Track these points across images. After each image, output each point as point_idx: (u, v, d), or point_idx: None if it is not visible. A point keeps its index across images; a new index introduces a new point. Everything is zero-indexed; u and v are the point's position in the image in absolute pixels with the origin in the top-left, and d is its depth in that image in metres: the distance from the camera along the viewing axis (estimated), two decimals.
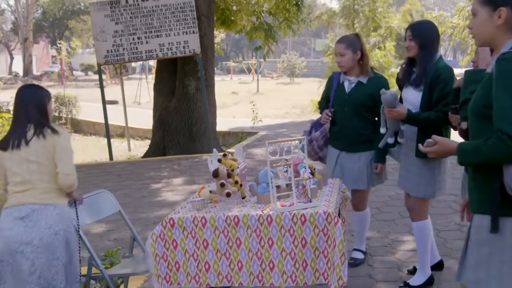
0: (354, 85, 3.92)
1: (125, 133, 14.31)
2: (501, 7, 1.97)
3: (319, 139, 4.07)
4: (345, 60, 3.88)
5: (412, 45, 3.50)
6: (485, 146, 1.93)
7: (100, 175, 8.53)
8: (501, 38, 2.02)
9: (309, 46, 58.36)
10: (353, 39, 3.92)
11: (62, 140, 3.18)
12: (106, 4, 9.59)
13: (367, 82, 3.90)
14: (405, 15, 17.41)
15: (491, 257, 2.01)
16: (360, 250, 4.25)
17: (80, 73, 47.73)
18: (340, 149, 3.99)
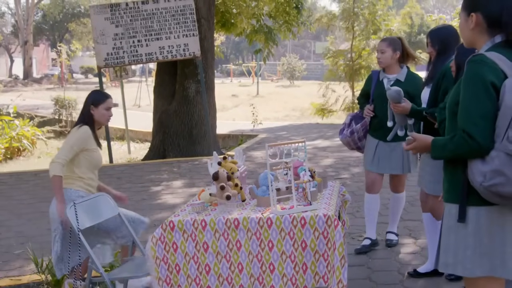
0: (392, 82, 4.31)
1: (125, 135, 14.31)
2: (472, 12, 2.15)
3: (359, 131, 4.52)
4: (384, 57, 4.33)
5: (432, 51, 3.77)
6: (451, 143, 2.11)
7: (100, 177, 8.45)
8: (478, 41, 2.18)
9: (309, 49, 58.41)
10: (395, 40, 4.39)
11: (69, 135, 3.84)
12: (106, 7, 9.60)
13: (405, 80, 4.31)
14: (404, 18, 17.39)
15: (458, 242, 2.16)
16: (393, 232, 4.70)
17: (80, 76, 47.79)
18: (379, 139, 4.41)
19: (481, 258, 2.11)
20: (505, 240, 2.09)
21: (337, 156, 9.25)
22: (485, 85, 2.02)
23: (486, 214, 2.10)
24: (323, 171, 7.83)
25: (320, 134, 12.65)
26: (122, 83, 14.15)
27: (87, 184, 3.84)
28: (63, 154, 3.64)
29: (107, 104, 3.90)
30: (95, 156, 3.83)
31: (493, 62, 2.04)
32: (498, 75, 2.03)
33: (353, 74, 16.79)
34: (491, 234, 2.10)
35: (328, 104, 17.20)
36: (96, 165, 3.89)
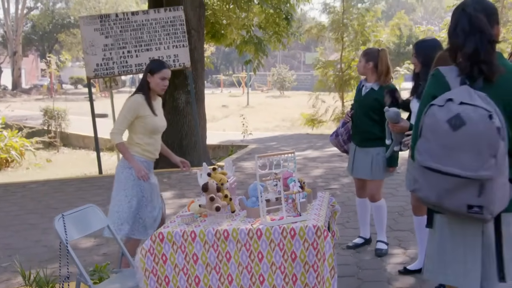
0: (368, 90, 4.57)
1: (115, 146, 14.24)
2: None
3: (343, 134, 4.79)
4: (358, 66, 4.70)
5: (416, 62, 3.89)
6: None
7: (90, 189, 8.48)
8: None
9: (299, 60, 58.67)
10: (372, 51, 4.64)
11: (123, 104, 4.08)
12: (96, 18, 9.60)
13: (378, 89, 4.50)
14: (393, 29, 17.54)
15: (432, 249, 2.26)
16: (382, 241, 4.75)
17: (69, 86, 47.59)
18: (356, 144, 4.68)
19: (444, 265, 2.17)
20: (466, 249, 2.12)
21: (327, 166, 9.27)
22: (427, 99, 2.16)
23: (448, 221, 2.17)
24: (313, 182, 7.84)
25: (310, 145, 12.68)
26: (112, 94, 14.10)
27: (144, 150, 4.11)
28: (118, 124, 4.06)
29: (163, 74, 4.09)
30: (149, 121, 4.05)
31: (442, 76, 2.16)
32: (442, 88, 2.12)
33: (343, 84, 16.88)
34: (454, 242, 2.15)
35: (318, 115, 17.26)
36: (152, 130, 4.11)
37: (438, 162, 1.98)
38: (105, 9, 39.07)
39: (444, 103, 2.00)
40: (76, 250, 5.01)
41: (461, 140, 1.94)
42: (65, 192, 8.29)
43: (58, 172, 12.96)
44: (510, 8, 17.76)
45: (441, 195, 2.01)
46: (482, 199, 1.95)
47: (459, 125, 1.93)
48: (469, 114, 1.93)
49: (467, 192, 1.96)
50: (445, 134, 1.96)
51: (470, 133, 1.93)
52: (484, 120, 1.92)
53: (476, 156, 1.92)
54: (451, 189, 1.98)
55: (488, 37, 2.09)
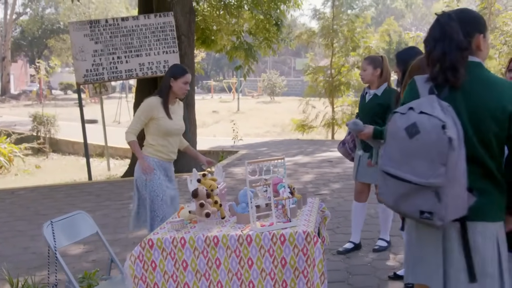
0: (371, 96, 4.66)
1: (105, 152, 14.19)
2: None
3: (349, 142, 4.85)
4: (365, 74, 4.66)
5: (397, 71, 3.98)
6: None
7: (79, 195, 8.43)
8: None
9: (289, 65, 58.83)
10: (376, 58, 4.71)
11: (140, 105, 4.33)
12: (86, 24, 9.58)
13: (381, 94, 4.61)
14: (383, 35, 17.67)
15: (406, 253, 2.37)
16: (383, 239, 4.94)
17: (59, 92, 47.34)
18: (362, 149, 4.70)
19: (413, 266, 2.28)
20: (430, 253, 2.20)
21: (317, 172, 9.28)
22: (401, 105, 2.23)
23: (415, 225, 2.26)
24: (303, 187, 7.85)
25: (300, 150, 12.70)
26: (102, 100, 14.08)
27: (157, 151, 4.33)
28: (132, 124, 4.31)
29: (185, 79, 4.29)
30: (162, 123, 4.25)
31: (414, 85, 2.24)
32: (414, 96, 2.20)
33: (333, 90, 16.97)
34: (420, 246, 2.25)
35: (308, 120, 17.32)
36: (165, 132, 4.30)
37: (396, 168, 2.08)
38: (95, 15, 38.98)
39: (406, 111, 2.08)
40: (65, 257, 4.99)
41: (415, 148, 2.02)
42: (54, 199, 8.24)
43: (47, 179, 12.87)
44: (497, 15, 17.93)
45: (397, 199, 2.11)
46: (432, 206, 2.02)
47: (415, 133, 2.02)
48: (424, 123, 2.01)
49: (419, 198, 2.04)
50: (402, 141, 2.06)
51: (423, 141, 2.01)
52: (436, 129, 1.99)
53: (429, 164, 2.00)
54: (405, 194, 2.07)
55: (457, 44, 2.12)
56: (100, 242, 3.68)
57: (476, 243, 2.14)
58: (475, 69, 2.17)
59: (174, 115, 4.35)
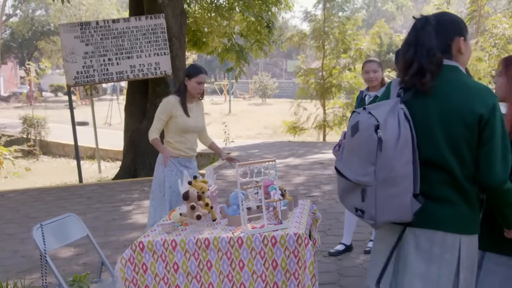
0: (372, 99, 4.67)
1: (96, 154, 14.13)
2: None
3: None
4: (377, 76, 4.73)
5: (396, 69, 3.94)
6: None
7: (70, 198, 8.38)
8: None
9: (280, 67, 58.88)
10: (379, 62, 4.84)
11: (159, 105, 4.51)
12: (76, 26, 9.54)
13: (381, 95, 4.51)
14: (374, 37, 17.73)
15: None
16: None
17: (49, 94, 47.08)
18: None
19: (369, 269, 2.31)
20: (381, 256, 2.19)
21: (309, 174, 9.30)
22: None
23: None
24: (295, 189, 7.85)
25: (292, 152, 12.71)
26: (93, 102, 14.02)
27: (174, 148, 4.51)
28: (154, 123, 4.48)
29: (199, 79, 4.42)
30: (180, 121, 4.42)
31: (389, 86, 2.26)
32: (386, 97, 2.23)
33: (324, 92, 16.99)
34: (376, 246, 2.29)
35: (300, 122, 17.34)
36: (183, 129, 4.47)
37: (341, 163, 2.15)
38: (85, 17, 38.79)
39: (361, 111, 2.12)
40: (56, 260, 4.95)
41: (354, 146, 2.09)
42: (44, 201, 8.19)
43: (37, 181, 12.80)
44: (487, 17, 18.07)
45: (341, 195, 2.20)
46: (363, 204, 2.05)
47: (355, 131, 2.07)
48: (363, 123, 2.05)
49: (354, 195, 2.09)
50: (348, 138, 2.13)
51: (358, 140, 2.06)
52: (369, 129, 2.01)
53: (360, 162, 2.04)
54: (345, 190, 2.15)
55: (427, 49, 2.10)
56: (90, 245, 3.66)
57: (432, 252, 2.08)
58: (450, 72, 2.12)
59: (192, 113, 4.52)
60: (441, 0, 16.68)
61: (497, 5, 20.02)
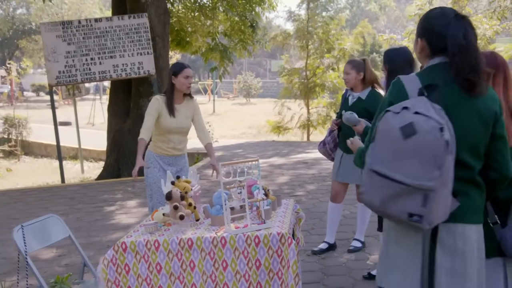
0: (355, 100, 4.70)
1: (79, 155, 14.00)
2: (419, 38, 2.25)
3: (330, 142, 4.91)
4: (349, 78, 4.69)
5: (384, 70, 3.95)
6: (360, 152, 2.29)
7: (52, 198, 8.30)
8: (423, 63, 2.27)
9: (264, 67, 58.93)
10: (359, 62, 4.72)
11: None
12: (58, 25, 9.45)
13: (365, 98, 4.66)
14: (357, 37, 17.83)
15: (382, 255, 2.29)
16: (358, 239, 5.04)
17: (31, 93, 46.53)
18: (343, 150, 4.79)
19: (385, 269, 2.21)
20: (408, 257, 2.14)
21: (293, 173, 9.32)
22: (383, 105, 2.18)
23: (394, 227, 2.19)
24: (279, 189, 7.87)
25: (276, 152, 12.73)
26: (75, 101, 13.89)
27: (157, 146, 4.58)
28: (144, 123, 4.43)
29: (185, 73, 4.43)
30: (162, 121, 4.45)
31: (401, 85, 2.16)
32: (400, 96, 2.13)
33: (308, 92, 17.04)
34: (398, 247, 2.18)
35: (284, 122, 17.37)
36: (166, 129, 4.49)
37: (386, 167, 2.01)
38: (67, 16, 38.43)
39: (400, 111, 2.03)
40: (37, 262, 4.90)
41: (410, 149, 1.97)
42: (25, 202, 8.09)
43: (18, 182, 12.64)
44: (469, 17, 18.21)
45: (385, 200, 2.04)
46: (423, 209, 1.97)
47: (411, 133, 1.96)
48: (421, 124, 1.96)
49: (409, 200, 1.98)
50: (396, 140, 1.99)
51: (419, 142, 1.95)
52: (434, 132, 1.95)
53: (422, 166, 1.95)
54: (395, 195, 2.01)
55: None
56: (73, 246, 3.63)
57: (456, 246, 2.11)
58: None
59: (179, 113, 4.50)
60: (423, 1, 16.80)
61: (478, 6, 20.25)
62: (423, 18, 2.26)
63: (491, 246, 2.28)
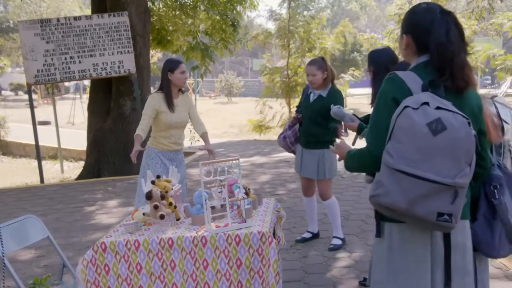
0: (316, 97, 4.79)
1: (58, 154, 13.85)
2: (404, 34, 2.22)
3: (290, 136, 4.98)
4: (316, 79, 4.74)
5: (369, 71, 3.94)
6: (358, 155, 2.19)
7: (30, 199, 8.19)
8: (410, 59, 2.23)
9: (246, 66, 58.91)
10: (321, 62, 4.79)
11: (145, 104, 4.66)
12: (36, 23, 9.33)
13: (326, 95, 4.76)
14: (338, 36, 17.92)
15: (380, 259, 2.19)
16: (337, 236, 5.03)
17: (9, 93, 45.84)
18: (302, 146, 4.92)
19: (395, 275, 2.11)
20: (417, 259, 2.07)
21: (274, 172, 9.33)
22: (386, 101, 2.08)
23: (398, 230, 2.10)
24: (260, 188, 7.87)
25: (257, 151, 12.74)
26: (54, 100, 13.73)
27: (158, 142, 4.73)
28: (141, 122, 4.57)
29: (181, 69, 4.62)
30: (163, 117, 4.60)
31: (401, 80, 2.08)
32: (404, 92, 2.05)
33: (290, 90, 17.08)
34: (404, 251, 2.09)
35: (266, 121, 17.38)
36: (166, 125, 4.65)
37: (414, 167, 1.90)
38: (46, 14, 37.92)
39: (419, 106, 1.94)
40: (15, 263, 4.84)
41: (440, 145, 1.88)
42: (4, 203, 7.97)
43: None
44: None
45: (414, 201, 1.91)
46: (453, 207, 1.91)
47: (440, 130, 1.88)
48: (450, 120, 1.89)
49: (440, 199, 1.90)
50: (423, 137, 1.89)
51: (450, 139, 1.88)
52: (465, 127, 1.90)
53: (454, 163, 1.89)
54: (426, 195, 1.90)
55: None
56: (52, 246, 3.58)
57: (456, 241, 2.10)
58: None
59: (177, 108, 4.67)
60: (403, 1, 16.95)
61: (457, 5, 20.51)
62: (408, 14, 2.23)
63: None
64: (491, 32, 18.08)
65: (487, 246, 2.29)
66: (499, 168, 2.36)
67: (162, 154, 4.74)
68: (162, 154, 4.74)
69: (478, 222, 2.29)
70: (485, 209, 2.30)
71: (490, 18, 18.05)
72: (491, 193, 2.29)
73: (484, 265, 2.43)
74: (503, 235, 2.29)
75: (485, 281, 2.42)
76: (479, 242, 2.28)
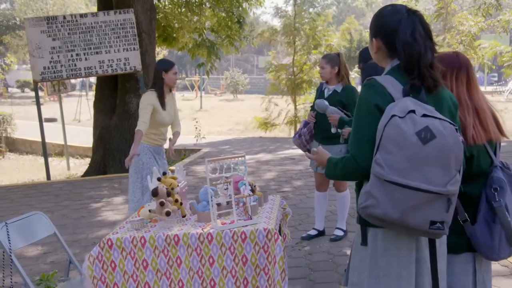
0: (330, 92, 4.89)
1: (64, 151, 13.90)
2: (374, 38, 2.18)
3: (306, 134, 5.04)
4: (324, 72, 4.88)
5: (360, 68, 4.07)
6: (341, 163, 2.10)
7: (37, 195, 8.23)
8: (382, 63, 2.20)
9: (252, 63, 58.90)
10: (334, 57, 4.90)
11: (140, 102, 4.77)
12: (43, 20, 9.35)
13: (341, 91, 4.86)
14: (344, 33, 17.88)
15: (360, 262, 2.16)
16: (340, 228, 5.16)
17: (16, 90, 46.07)
18: (319, 141, 4.95)
19: (377, 280, 2.08)
20: (401, 264, 2.05)
21: (280, 169, 9.33)
22: (369, 108, 2.03)
23: (382, 236, 2.07)
24: (266, 185, 7.88)
25: (263, 148, 12.74)
26: (61, 98, 13.78)
27: (151, 138, 4.90)
28: (140, 115, 4.68)
29: (174, 70, 4.85)
30: (158, 116, 4.78)
31: (381, 86, 2.04)
32: (385, 98, 2.02)
33: (295, 88, 17.05)
34: (387, 257, 2.06)
35: (271, 118, 17.37)
36: (159, 123, 4.84)
37: (405, 177, 1.87)
38: (53, 11, 38.00)
39: (405, 115, 1.91)
40: (22, 259, 4.87)
41: (430, 154, 1.86)
42: (10, 199, 8.02)
43: (3, 179, 12.51)
44: (453, 14, 18.38)
45: (406, 211, 1.89)
46: (446, 215, 1.91)
47: (430, 138, 1.86)
48: (438, 128, 1.87)
49: (433, 208, 1.89)
50: (413, 147, 1.87)
51: (440, 147, 1.86)
52: (454, 134, 1.89)
53: (444, 171, 1.87)
54: (418, 204, 1.88)
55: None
56: (58, 243, 3.60)
57: (442, 248, 2.11)
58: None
59: (167, 106, 4.88)
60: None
61: (463, 2, 20.42)
62: (375, 17, 2.19)
63: (461, 242, 2.30)
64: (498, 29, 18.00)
65: (487, 249, 2.28)
66: (501, 170, 2.32)
67: (153, 148, 4.94)
68: (153, 149, 4.94)
69: (478, 225, 2.28)
70: (485, 211, 2.28)
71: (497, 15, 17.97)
72: (492, 195, 2.26)
73: (486, 265, 2.42)
74: (503, 238, 2.27)
75: (486, 281, 2.41)
76: (479, 245, 2.27)
